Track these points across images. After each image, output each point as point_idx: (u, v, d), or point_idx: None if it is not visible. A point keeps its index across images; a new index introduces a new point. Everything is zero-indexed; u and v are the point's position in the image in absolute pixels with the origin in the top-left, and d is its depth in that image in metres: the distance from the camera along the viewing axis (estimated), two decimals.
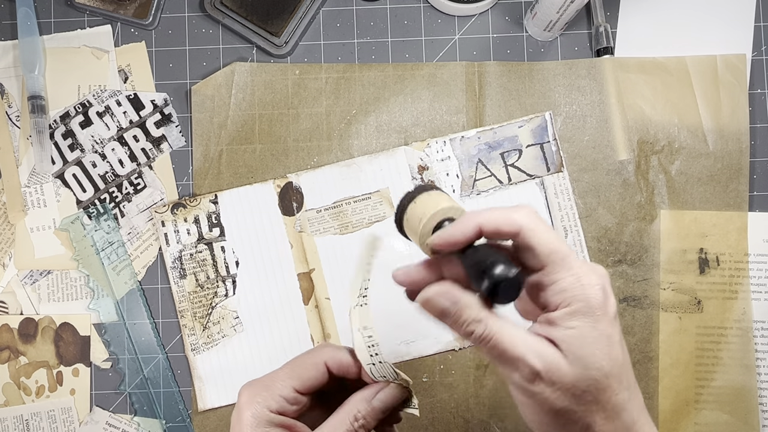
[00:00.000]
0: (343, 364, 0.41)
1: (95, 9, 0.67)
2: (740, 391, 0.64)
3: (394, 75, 0.67)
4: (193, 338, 0.65)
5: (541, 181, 0.66)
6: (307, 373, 0.40)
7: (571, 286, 0.35)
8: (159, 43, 0.68)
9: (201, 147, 0.66)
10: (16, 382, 0.66)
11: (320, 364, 0.40)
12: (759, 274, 0.65)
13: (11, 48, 0.68)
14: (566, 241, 0.36)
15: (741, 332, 0.64)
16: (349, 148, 0.66)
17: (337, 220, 0.65)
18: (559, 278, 0.35)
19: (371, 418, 0.39)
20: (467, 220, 0.36)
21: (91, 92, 0.67)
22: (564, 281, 0.35)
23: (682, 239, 0.65)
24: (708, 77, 0.66)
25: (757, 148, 0.66)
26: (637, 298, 0.65)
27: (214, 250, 0.65)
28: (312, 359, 0.41)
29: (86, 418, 0.65)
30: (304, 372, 0.40)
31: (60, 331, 0.66)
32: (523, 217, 0.36)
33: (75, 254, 0.66)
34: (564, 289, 0.35)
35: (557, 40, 0.67)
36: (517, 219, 0.36)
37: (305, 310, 0.65)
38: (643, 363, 0.64)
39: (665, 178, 0.65)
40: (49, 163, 0.66)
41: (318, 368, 0.40)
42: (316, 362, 0.40)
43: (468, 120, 0.66)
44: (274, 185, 0.66)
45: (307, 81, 0.67)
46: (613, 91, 0.66)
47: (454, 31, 0.68)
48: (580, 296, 0.35)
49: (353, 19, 0.68)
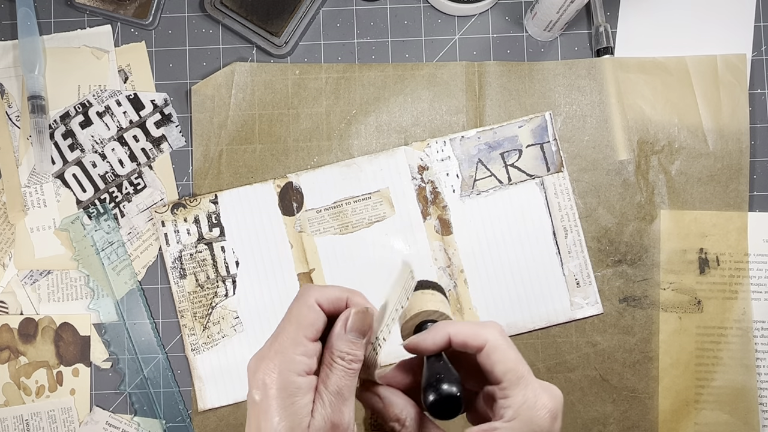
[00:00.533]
0: (332, 299, 0.39)
1: (95, 9, 0.67)
2: (740, 391, 0.64)
3: (394, 75, 0.67)
4: (193, 338, 0.65)
5: (541, 181, 0.66)
6: (308, 319, 0.38)
7: (520, 405, 0.37)
8: (159, 43, 0.68)
9: (201, 147, 0.66)
10: (16, 382, 0.66)
11: (314, 305, 0.38)
12: (759, 274, 0.65)
13: (11, 48, 0.68)
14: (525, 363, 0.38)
15: (741, 332, 0.64)
16: (349, 148, 0.66)
17: (337, 220, 0.65)
18: (512, 395, 0.37)
19: (354, 349, 0.38)
20: (439, 329, 0.39)
21: (91, 92, 0.67)
22: (515, 398, 0.37)
23: (682, 239, 0.65)
24: (708, 77, 0.66)
25: (757, 148, 0.66)
26: (637, 298, 0.65)
27: (214, 250, 0.65)
28: (306, 303, 0.38)
29: (86, 418, 0.65)
30: (306, 319, 0.38)
31: (60, 331, 0.66)
32: (489, 334, 0.38)
33: (75, 254, 0.66)
34: (513, 405, 0.37)
35: (557, 40, 0.67)
36: (484, 335, 0.38)
37: None
38: (643, 363, 0.64)
39: (665, 178, 0.65)
40: (49, 163, 0.66)
41: (315, 310, 0.38)
42: (310, 305, 0.38)
43: (468, 120, 0.66)
44: (274, 185, 0.66)
45: (307, 81, 0.67)
46: (613, 91, 0.66)
47: (454, 31, 0.68)
48: (525, 416, 0.37)
49: (353, 19, 0.68)
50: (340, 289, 0.40)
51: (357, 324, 0.38)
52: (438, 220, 0.65)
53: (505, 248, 0.65)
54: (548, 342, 0.65)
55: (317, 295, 0.38)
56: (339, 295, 0.39)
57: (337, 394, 0.37)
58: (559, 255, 0.65)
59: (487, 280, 0.65)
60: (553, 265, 0.65)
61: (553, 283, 0.65)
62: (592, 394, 0.65)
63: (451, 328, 0.39)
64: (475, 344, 0.38)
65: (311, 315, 0.38)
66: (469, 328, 0.39)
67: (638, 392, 0.64)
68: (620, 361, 0.65)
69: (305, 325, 0.38)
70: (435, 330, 0.39)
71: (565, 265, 0.65)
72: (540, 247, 0.65)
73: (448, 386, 0.37)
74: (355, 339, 0.38)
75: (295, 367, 0.36)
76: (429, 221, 0.65)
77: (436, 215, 0.65)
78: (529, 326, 0.65)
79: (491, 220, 0.65)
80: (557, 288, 0.65)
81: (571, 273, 0.65)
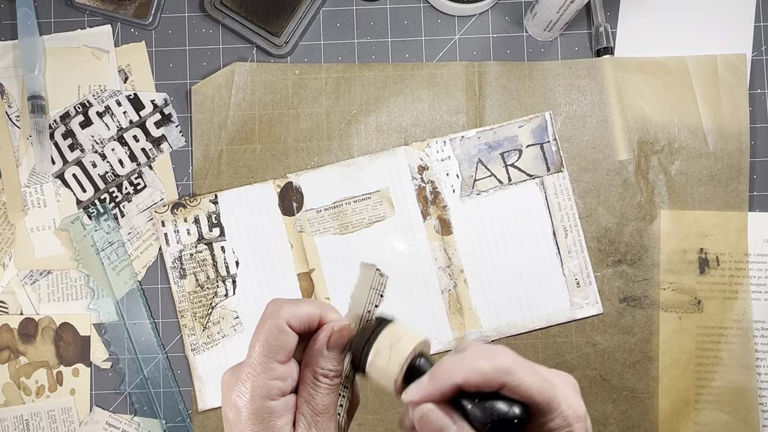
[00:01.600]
0: (304, 319, 0.38)
1: (95, 9, 0.67)
2: (740, 391, 0.64)
3: (394, 75, 0.67)
4: (193, 338, 0.65)
5: (541, 181, 0.66)
6: (280, 342, 0.36)
7: (559, 427, 0.35)
8: (159, 43, 0.68)
9: (201, 147, 0.66)
10: (16, 382, 0.66)
11: (284, 327, 0.37)
12: (759, 274, 0.65)
13: (11, 48, 0.68)
14: (547, 378, 0.36)
15: (741, 332, 0.64)
16: (349, 148, 0.66)
17: (337, 220, 0.65)
18: (548, 420, 0.35)
19: (333, 365, 0.37)
20: (444, 377, 0.35)
21: (91, 92, 0.67)
22: (553, 422, 0.35)
23: (682, 239, 0.65)
24: (708, 77, 0.66)
25: (757, 148, 0.66)
26: (637, 298, 0.65)
27: (214, 250, 0.65)
28: (276, 326, 0.37)
29: (86, 418, 0.65)
30: (277, 342, 0.36)
31: (60, 331, 0.66)
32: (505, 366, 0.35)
33: (75, 254, 0.66)
34: (553, 430, 0.35)
35: (557, 40, 0.67)
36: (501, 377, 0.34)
37: None
38: (643, 363, 0.64)
39: (665, 178, 0.65)
40: (49, 163, 0.66)
41: (286, 332, 0.37)
42: (281, 327, 0.37)
43: (468, 120, 0.66)
44: (274, 185, 0.66)
45: (307, 81, 0.67)
46: (613, 91, 0.66)
47: (454, 31, 0.68)
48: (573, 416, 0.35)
49: (353, 19, 0.68)
50: (311, 306, 0.38)
51: (339, 341, 0.37)
52: (438, 220, 0.65)
53: (505, 248, 0.65)
54: (548, 342, 0.65)
55: (288, 317, 0.37)
56: (311, 313, 0.38)
57: (325, 411, 0.37)
58: (559, 255, 0.65)
59: (487, 280, 0.65)
60: (553, 265, 0.65)
61: (553, 283, 0.65)
62: (592, 394, 0.65)
63: (457, 375, 0.35)
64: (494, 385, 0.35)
65: (282, 338, 0.36)
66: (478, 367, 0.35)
67: (638, 392, 0.64)
68: (620, 361, 0.65)
69: (277, 349, 0.36)
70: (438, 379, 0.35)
71: (565, 265, 0.65)
72: (540, 247, 0.65)
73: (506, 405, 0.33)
74: (337, 355, 0.38)
75: (267, 392, 0.36)
76: (429, 221, 0.65)
77: (436, 215, 0.65)
78: (529, 326, 0.65)
79: (491, 220, 0.65)
80: (557, 288, 0.65)
81: (571, 273, 0.65)
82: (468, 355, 0.35)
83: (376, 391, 0.65)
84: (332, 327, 0.38)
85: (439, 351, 0.65)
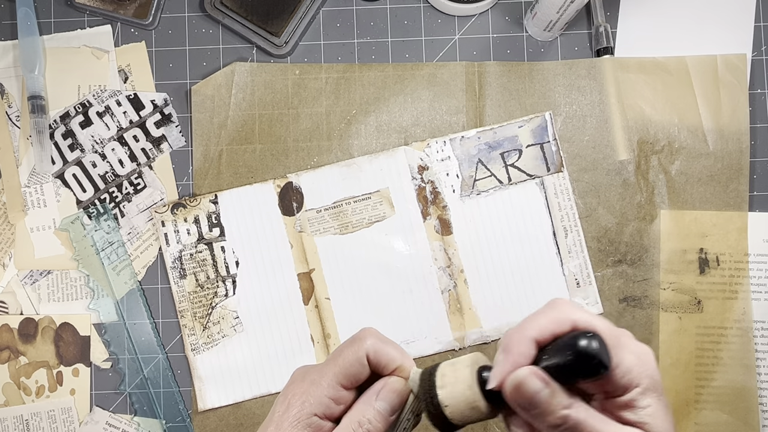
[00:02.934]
0: (384, 361, 0.38)
1: (95, 9, 0.67)
2: (740, 391, 0.64)
3: (394, 75, 0.67)
4: (193, 338, 0.65)
5: (541, 181, 0.66)
6: (353, 370, 0.37)
7: (635, 366, 0.34)
8: (159, 43, 0.68)
9: (201, 147, 0.66)
10: (16, 382, 0.66)
11: (363, 359, 0.37)
12: (759, 274, 0.65)
13: (11, 48, 0.68)
14: (609, 321, 0.35)
15: (741, 332, 0.64)
16: (349, 148, 0.66)
17: (337, 220, 0.65)
18: (621, 360, 0.34)
19: (378, 422, 0.37)
20: (515, 341, 0.34)
21: (91, 92, 0.67)
22: (627, 361, 0.34)
23: (682, 239, 0.65)
24: (708, 77, 0.66)
25: (757, 148, 0.66)
26: (637, 298, 0.65)
27: (214, 250, 0.65)
28: (355, 353, 0.37)
29: (86, 418, 0.65)
30: (350, 369, 0.37)
31: (60, 331, 0.66)
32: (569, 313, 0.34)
33: (75, 254, 0.66)
34: (630, 369, 0.34)
35: (557, 40, 0.67)
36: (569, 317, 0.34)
37: (305, 310, 0.65)
38: None
39: (665, 178, 0.65)
40: (49, 163, 0.66)
41: (361, 363, 0.37)
42: (359, 356, 0.37)
43: (468, 120, 0.66)
44: (274, 185, 0.66)
45: (307, 81, 0.67)
46: (613, 91, 0.66)
47: (454, 31, 0.68)
48: (644, 373, 0.34)
49: (353, 19, 0.68)
50: (396, 351, 0.38)
51: (391, 400, 0.37)
52: (438, 220, 0.65)
53: (505, 248, 0.65)
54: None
55: (372, 351, 0.37)
56: (393, 357, 0.38)
57: None
58: (559, 255, 0.65)
59: (487, 280, 0.65)
60: (553, 265, 0.65)
61: (553, 283, 0.65)
62: None
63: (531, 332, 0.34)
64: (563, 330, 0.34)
65: (356, 367, 0.37)
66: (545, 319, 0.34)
67: None
68: None
69: (347, 375, 0.37)
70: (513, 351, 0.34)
71: (565, 265, 0.65)
72: (540, 247, 0.65)
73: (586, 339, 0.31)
74: (382, 410, 0.37)
75: (319, 407, 0.37)
76: (429, 221, 0.65)
77: (436, 215, 0.65)
78: None
79: (491, 220, 0.65)
80: (557, 288, 0.65)
81: (571, 273, 0.65)
82: (526, 319, 0.35)
83: None
84: (392, 383, 0.38)
85: (439, 351, 0.65)
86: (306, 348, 0.64)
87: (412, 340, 0.65)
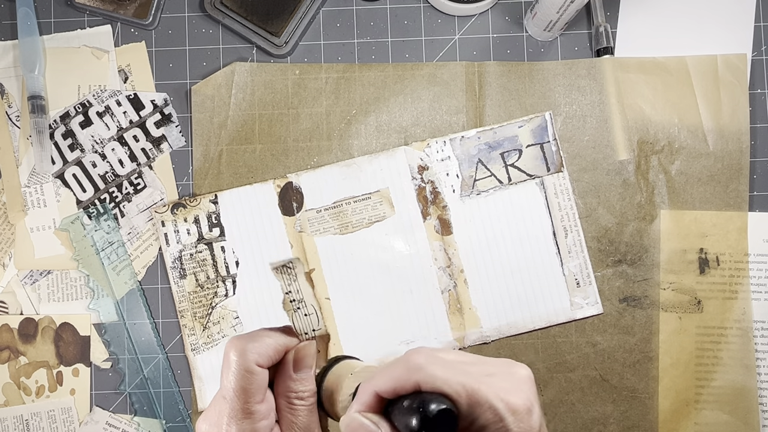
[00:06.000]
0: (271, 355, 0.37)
1: (95, 9, 0.67)
2: (740, 391, 0.64)
3: (394, 75, 0.67)
4: (193, 338, 0.65)
5: (541, 181, 0.66)
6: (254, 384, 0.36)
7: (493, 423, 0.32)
8: (159, 43, 0.68)
9: (201, 147, 0.66)
10: (16, 382, 0.66)
11: (255, 369, 0.36)
12: (759, 274, 0.65)
13: (11, 48, 0.68)
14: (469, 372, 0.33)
15: (741, 332, 0.64)
16: (349, 148, 0.66)
17: (337, 220, 0.65)
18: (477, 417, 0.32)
19: (303, 386, 0.37)
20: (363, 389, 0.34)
21: (91, 92, 0.67)
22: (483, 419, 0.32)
23: (682, 239, 0.65)
24: (708, 77, 0.66)
25: (757, 148, 0.66)
26: (637, 298, 0.65)
27: (214, 250, 0.65)
28: (247, 369, 0.36)
29: (86, 418, 0.65)
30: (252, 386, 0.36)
31: (60, 331, 0.66)
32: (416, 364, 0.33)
33: (75, 254, 0.66)
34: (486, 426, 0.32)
35: (557, 40, 0.67)
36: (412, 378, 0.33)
37: None
38: (643, 363, 0.64)
39: (665, 178, 0.65)
40: (49, 163, 0.66)
41: (257, 372, 0.36)
42: (252, 369, 0.36)
43: (468, 120, 0.66)
44: (274, 185, 0.66)
45: (307, 81, 0.67)
46: (613, 91, 0.66)
47: (454, 31, 0.68)
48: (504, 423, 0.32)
49: (353, 19, 0.68)
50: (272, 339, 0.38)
51: (306, 362, 0.38)
52: (438, 220, 0.65)
53: (505, 248, 0.65)
54: (548, 342, 0.65)
55: (254, 357, 0.36)
56: (274, 346, 0.38)
57: (310, 430, 0.37)
58: (559, 255, 0.65)
59: (487, 280, 0.65)
60: (553, 265, 0.65)
61: (553, 283, 0.65)
62: (592, 394, 0.65)
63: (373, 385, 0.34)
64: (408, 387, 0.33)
65: (256, 380, 0.36)
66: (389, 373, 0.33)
67: (638, 392, 0.64)
68: (620, 361, 0.65)
69: (253, 392, 0.36)
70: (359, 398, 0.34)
71: (565, 265, 0.65)
72: (540, 247, 0.65)
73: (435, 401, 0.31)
74: (306, 375, 0.38)
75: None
76: (429, 221, 0.65)
77: (436, 215, 0.65)
78: (529, 326, 0.65)
79: (491, 220, 0.65)
80: (557, 288, 0.65)
81: (571, 273, 0.65)
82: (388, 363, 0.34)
83: None
84: (293, 351, 0.38)
85: None
86: None
87: (412, 340, 0.65)
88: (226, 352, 0.36)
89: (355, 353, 0.65)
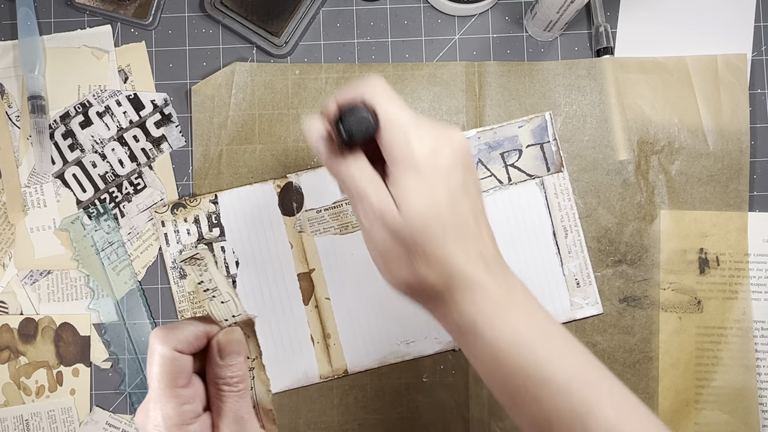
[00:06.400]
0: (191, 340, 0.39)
1: (95, 9, 0.67)
2: (740, 391, 0.64)
3: (394, 75, 0.67)
4: None
5: (541, 181, 0.66)
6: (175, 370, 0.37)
7: (396, 144, 0.39)
8: (159, 43, 0.68)
9: (201, 147, 0.66)
10: (16, 382, 0.66)
11: (175, 355, 0.38)
12: (759, 274, 0.65)
13: (11, 48, 0.68)
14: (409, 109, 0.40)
15: (741, 332, 0.64)
16: None
17: (337, 220, 0.65)
18: (389, 138, 0.39)
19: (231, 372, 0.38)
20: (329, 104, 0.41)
21: (91, 92, 0.67)
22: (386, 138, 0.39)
23: (682, 239, 0.65)
24: (708, 77, 0.66)
25: (757, 148, 0.66)
26: (637, 298, 0.65)
27: (214, 250, 0.65)
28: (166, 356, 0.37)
29: (86, 418, 0.65)
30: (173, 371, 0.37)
31: (60, 331, 0.66)
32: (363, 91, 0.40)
33: (75, 254, 0.66)
34: (390, 146, 0.39)
35: (557, 40, 0.67)
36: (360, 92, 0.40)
37: (305, 310, 0.65)
38: (643, 363, 0.64)
39: (665, 178, 0.65)
40: (49, 163, 0.66)
41: (177, 358, 0.38)
42: (171, 356, 0.37)
43: (468, 120, 0.66)
44: (274, 185, 0.66)
45: (307, 81, 0.67)
46: (613, 91, 0.66)
47: (454, 31, 0.68)
48: (404, 153, 0.39)
49: (353, 19, 0.68)
50: (192, 326, 0.39)
51: (230, 348, 0.39)
52: None
53: (505, 248, 0.65)
54: None
55: (174, 343, 0.37)
56: (195, 332, 0.39)
57: (238, 419, 0.38)
58: (559, 255, 0.65)
59: None
60: (553, 265, 0.65)
61: (553, 283, 0.65)
62: None
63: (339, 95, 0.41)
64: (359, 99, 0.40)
65: (176, 364, 0.37)
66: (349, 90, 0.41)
67: (638, 392, 0.64)
68: (620, 361, 0.65)
69: (175, 376, 0.37)
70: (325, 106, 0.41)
71: (565, 265, 0.65)
72: (540, 247, 0.65)
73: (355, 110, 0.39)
74: (233, 361, 0.38)
75: (181, 419, 0.37)
76: None
77: None
78: None
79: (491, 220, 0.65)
80: (557, 288, 0.65)
81: (571, 273, 0.65)
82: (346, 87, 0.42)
83: (376, 391, 0.65)
84: (218, 336, 0.39)
85: (439, 351, 0.65)
86: (306, 348, 0.64)
87: (412, 340, 0.65)
88: (150, 342, 0.38)
89: (355, 353, 0.65)
